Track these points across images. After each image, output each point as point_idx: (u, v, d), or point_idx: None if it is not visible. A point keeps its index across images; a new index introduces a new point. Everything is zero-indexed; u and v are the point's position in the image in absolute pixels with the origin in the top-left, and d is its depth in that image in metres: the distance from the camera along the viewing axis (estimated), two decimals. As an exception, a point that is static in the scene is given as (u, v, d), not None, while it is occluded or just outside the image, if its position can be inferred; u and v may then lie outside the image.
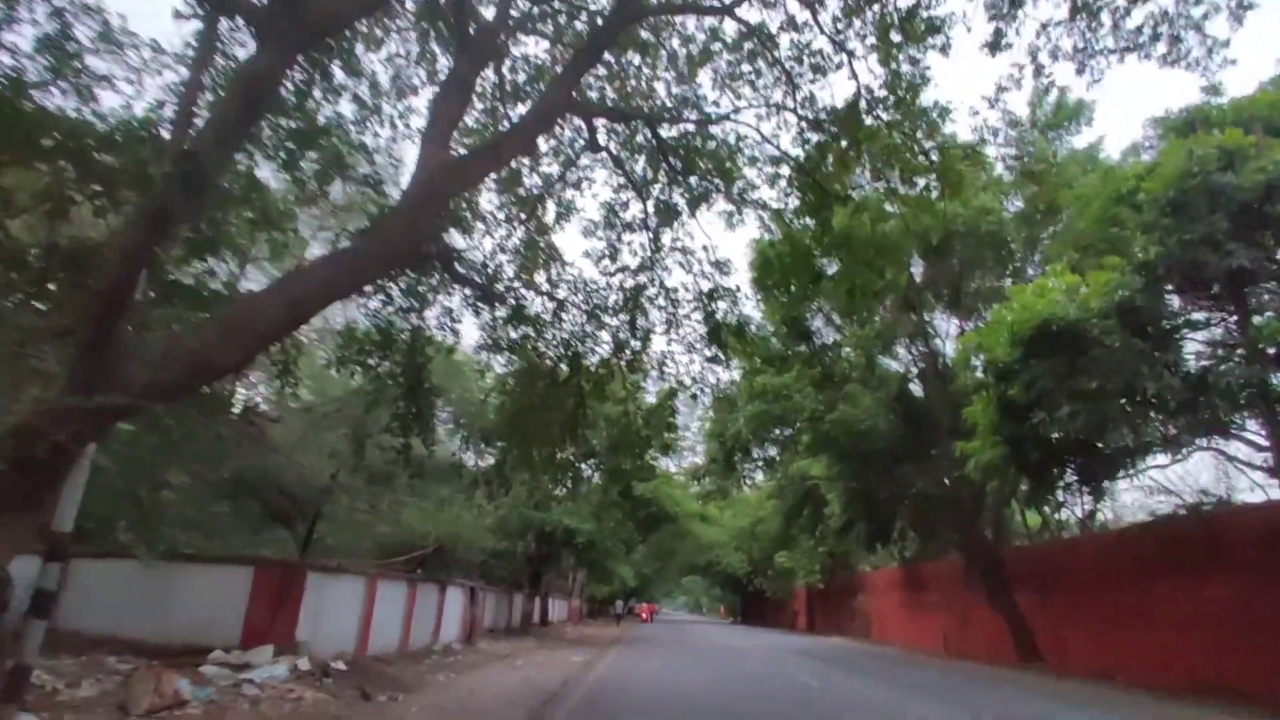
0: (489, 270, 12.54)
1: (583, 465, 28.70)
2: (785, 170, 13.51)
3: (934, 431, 23.08)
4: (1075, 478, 14.27)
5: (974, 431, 14.95)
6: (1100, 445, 12.04)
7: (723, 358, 15.15)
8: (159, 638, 11.18)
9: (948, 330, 24.00)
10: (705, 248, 14.66)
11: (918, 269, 22.04)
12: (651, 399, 16.40)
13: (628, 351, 14.90)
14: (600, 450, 21.64)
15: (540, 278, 14.07)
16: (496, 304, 12.58)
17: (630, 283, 14.87)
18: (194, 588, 11.61)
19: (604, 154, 12.77)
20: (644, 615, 58.02)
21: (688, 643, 29.89)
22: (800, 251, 14.62)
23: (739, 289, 15.00)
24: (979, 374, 14.54)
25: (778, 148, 13.09)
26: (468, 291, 12.74)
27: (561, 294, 14.34)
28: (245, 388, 21.78)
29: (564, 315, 14.66)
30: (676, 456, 34.85)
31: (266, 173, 9.87)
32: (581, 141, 13.03)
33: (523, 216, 13.73)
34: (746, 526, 49.12)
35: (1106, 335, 10.95)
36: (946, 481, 23.82)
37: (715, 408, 26.00)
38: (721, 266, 14.26)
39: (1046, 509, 26.90)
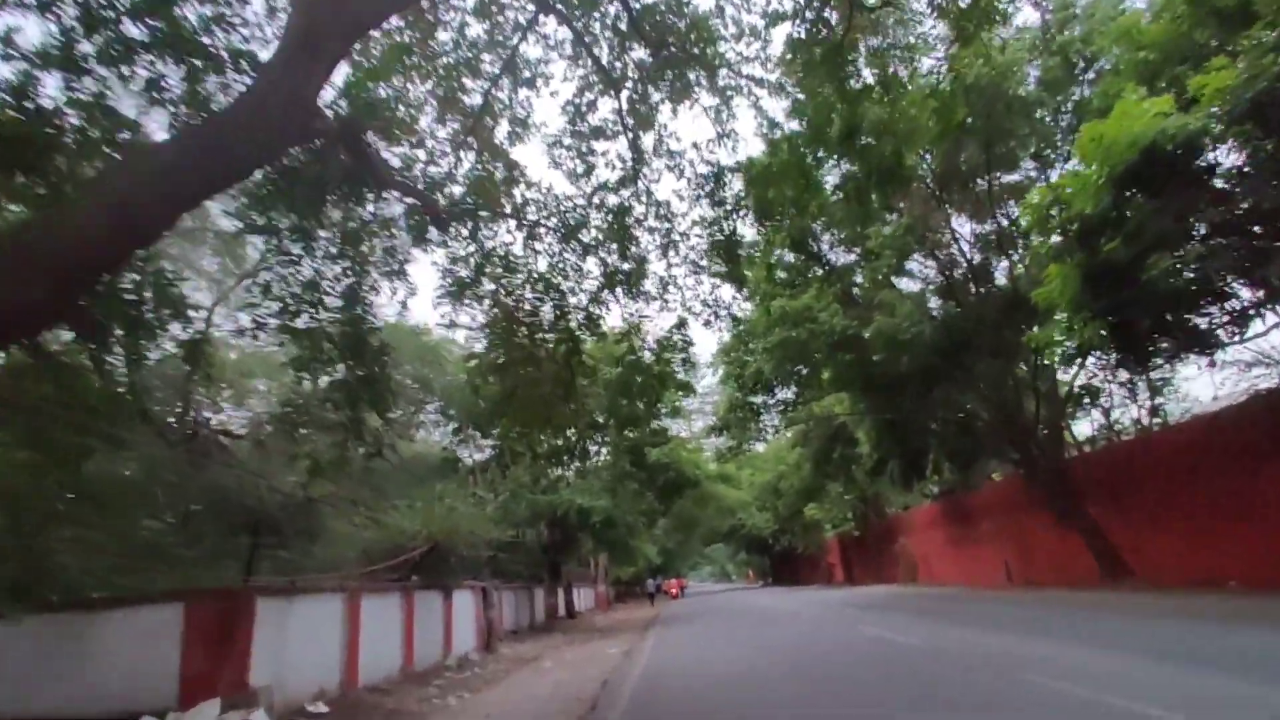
0: (431, 180, 9.86)
1: (588, 438, 26.18)
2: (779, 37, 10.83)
3: (971, 345, 20.55)
4: (1178, 346, 11.71)
5: (1039, 317, 12.46)
6: (1228, 292, 9.52)
7: (734, 271, 12.59)
8: (76, 709, 8.64)
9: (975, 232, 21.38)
10: (696, 145, 12.00)
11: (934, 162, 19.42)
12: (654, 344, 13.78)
13: (621, 281, 12.35)
14: (603, 411, 19.15)
15: (504, 200, 11.39)
16: (447, 228, 9.93)
17: (613, 200, 12.23)
18: (113, 638, 9.02)
19: (556, 11, 10.04)
20: (673, 591, 55.80)
21: (729, 611, 27.54)
22: (796, 158, 12.01)
23: (743, 195, 12.43)
24: (1055, 238, 11.88)
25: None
26: (410, 219, 10.09)
27: (530, 216, 11.74)
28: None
29: (537, 244, 12.07)
30: (686, 420, 32.34)
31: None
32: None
33: (465, 118, 10.99)
34: (769, 483, 46.83)
35: (1241, 146, 8.40)
36: (991, 396, 21.38)
37: (728, 351, 23.40)
38: (719, 167, 11.64)
39: (1100, 411, 24.56)
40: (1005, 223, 20.99)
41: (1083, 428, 27.77)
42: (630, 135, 12.32)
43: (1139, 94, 10.32)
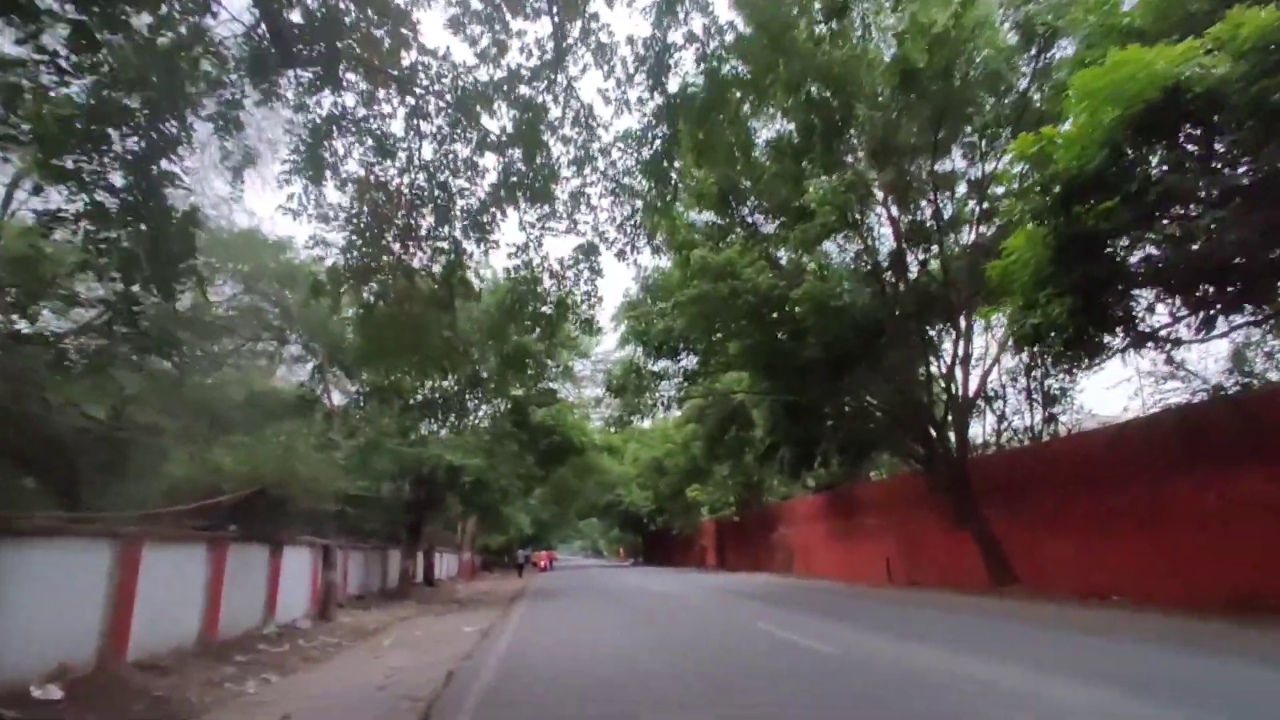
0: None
1: (466, 392, 23.68)
2: None
3: (885, 333, 19.48)
4: (1137, 339, 10.63)
5: (965, 304, 11.16)
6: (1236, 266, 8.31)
7: (662, 193, 10.59)
8: None
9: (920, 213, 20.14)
10: (631, 40, 9.89)
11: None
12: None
13: (524, 187, 10.15)
14: (486, 340, 16.87)
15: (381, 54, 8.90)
16: (296, 60, 7.40)
17: (525, 91, 9.95)
18: None
19: None
20: (542, 563, 53.89)
21: (603, 590, 25.84)
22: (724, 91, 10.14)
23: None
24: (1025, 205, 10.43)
25: None
26: (248, 44, 7.50)
27: (419, 87, 9.34)
28: None
29: (423, 123, 9.68)
30: (576, 385, 30.26)
31: None
32: None
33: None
34: (653, 460, 45.56)
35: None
36: (901, 389, 20.47)
37: (633, 307, 21.40)
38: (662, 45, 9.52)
39: (993, 416, 24.28)
40: (929, 213, 20.04)
41: (973, 431, 27.61)
42: (555, 19, 10.05)
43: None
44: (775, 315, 18.07)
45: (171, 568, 9.92)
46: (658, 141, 10.26)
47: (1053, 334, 10.30)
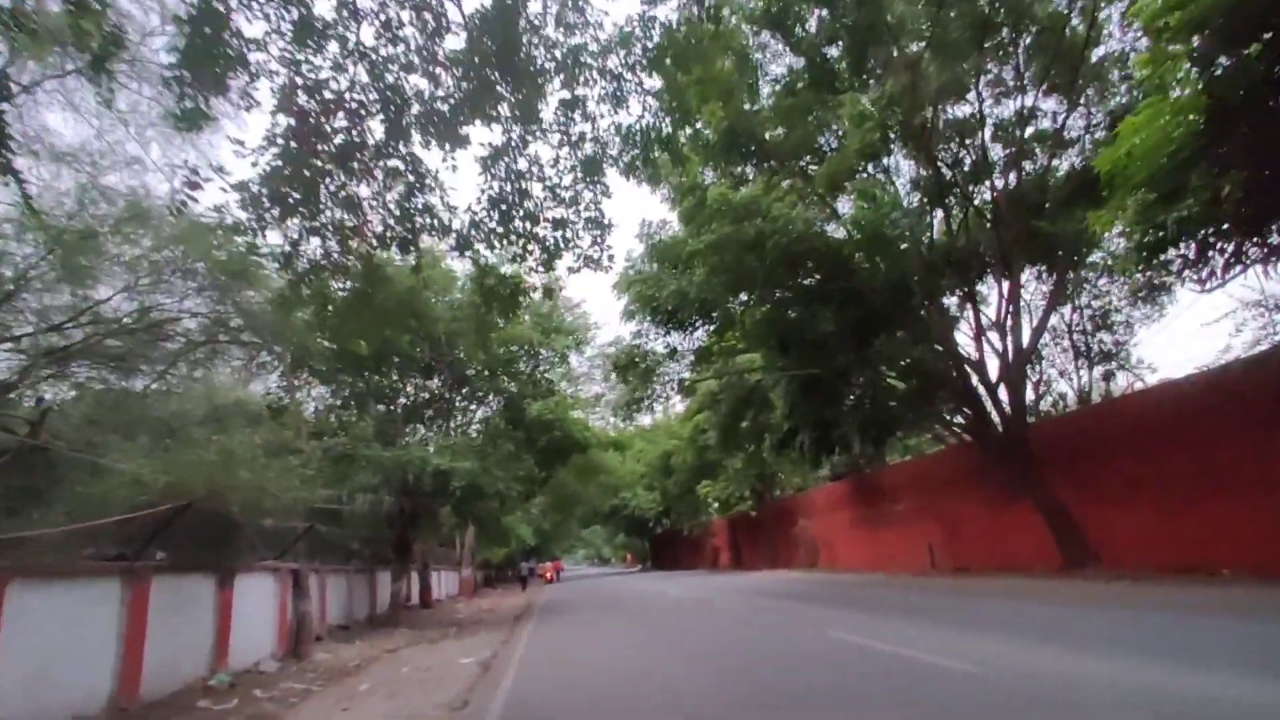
0: None
1: (449, 387, 21.26)
2: None
3: (940, 275, 17.05)
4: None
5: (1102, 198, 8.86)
6: None
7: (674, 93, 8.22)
8: None
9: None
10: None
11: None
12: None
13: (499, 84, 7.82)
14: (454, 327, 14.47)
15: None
16: None
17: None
18: None
19: None
20: (548, 575, 51.27)
21: (616, 600, 23.41)
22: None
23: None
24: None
25: None
26: None
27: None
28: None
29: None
30: (572, 383, 27.80)
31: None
32: None
33: None
34: (659, 458, 43.18)
35: None
36: (944, 346, 18.14)
37: (639, 277, 18.88)
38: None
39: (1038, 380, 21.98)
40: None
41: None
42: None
43: None
44: (810, 262, 15.67)
45: (61, 612, 7.46)
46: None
47: (1183, 239, 7.97)
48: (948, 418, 21.07)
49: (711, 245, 13.90)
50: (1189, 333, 43.52)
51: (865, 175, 13.70)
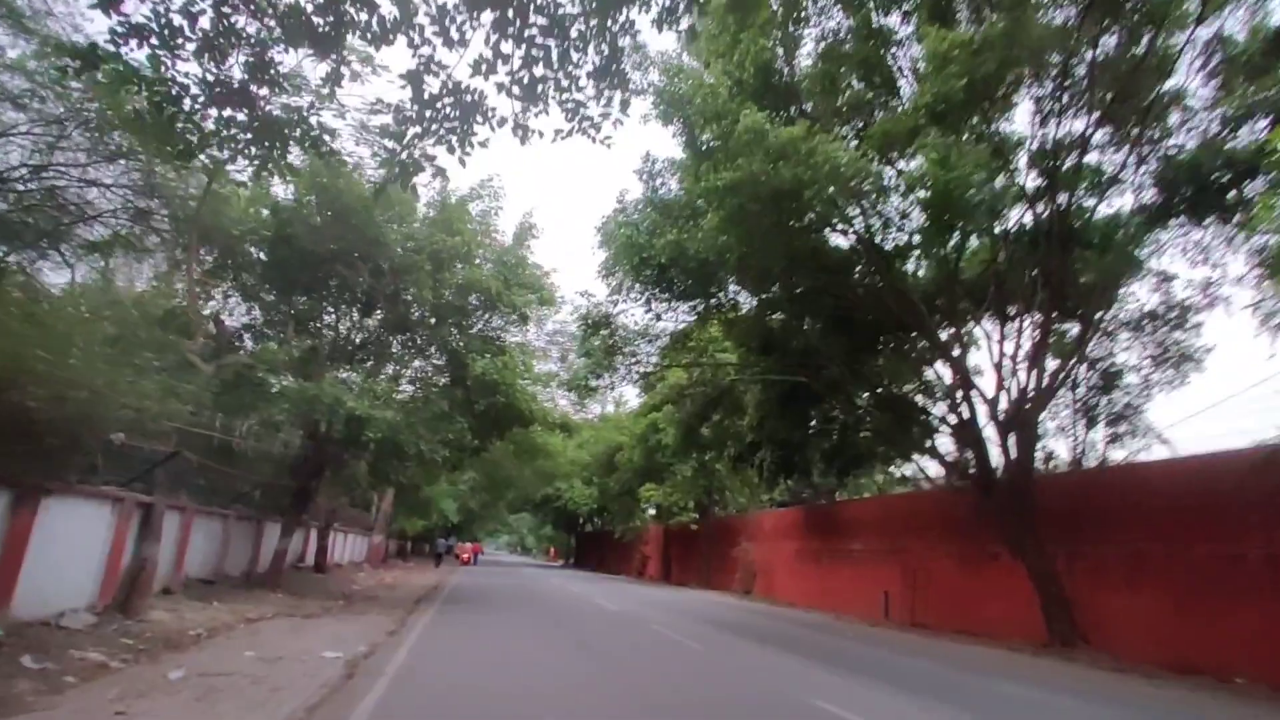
0: None
1: (390, 317, 18.47)
2: None
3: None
4: None
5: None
6: None
7: None
8: None
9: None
10: None
11: None
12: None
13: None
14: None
15: None
16: None
17: None
18: None
19: None
20: (465, 557, 48.33)
21: (537, 597, 20.87)
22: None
23: None
24: None
25: None
26: None
27: None
28: None
29: None
30: (529, 354, 25.05)
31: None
32: None
33: None
34: (605, 452, 40.70)
35: None
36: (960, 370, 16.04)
37: (624, 224, 16.17)
38: None
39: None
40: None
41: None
42: None
43: None
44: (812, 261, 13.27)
45: None
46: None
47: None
48: (928, 458, 19.10)
49: (732, 185, 11.32)
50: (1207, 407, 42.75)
51: (929, 138, 11.34)
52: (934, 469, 26.45)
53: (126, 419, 10.48)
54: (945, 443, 20.12)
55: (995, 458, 16.30)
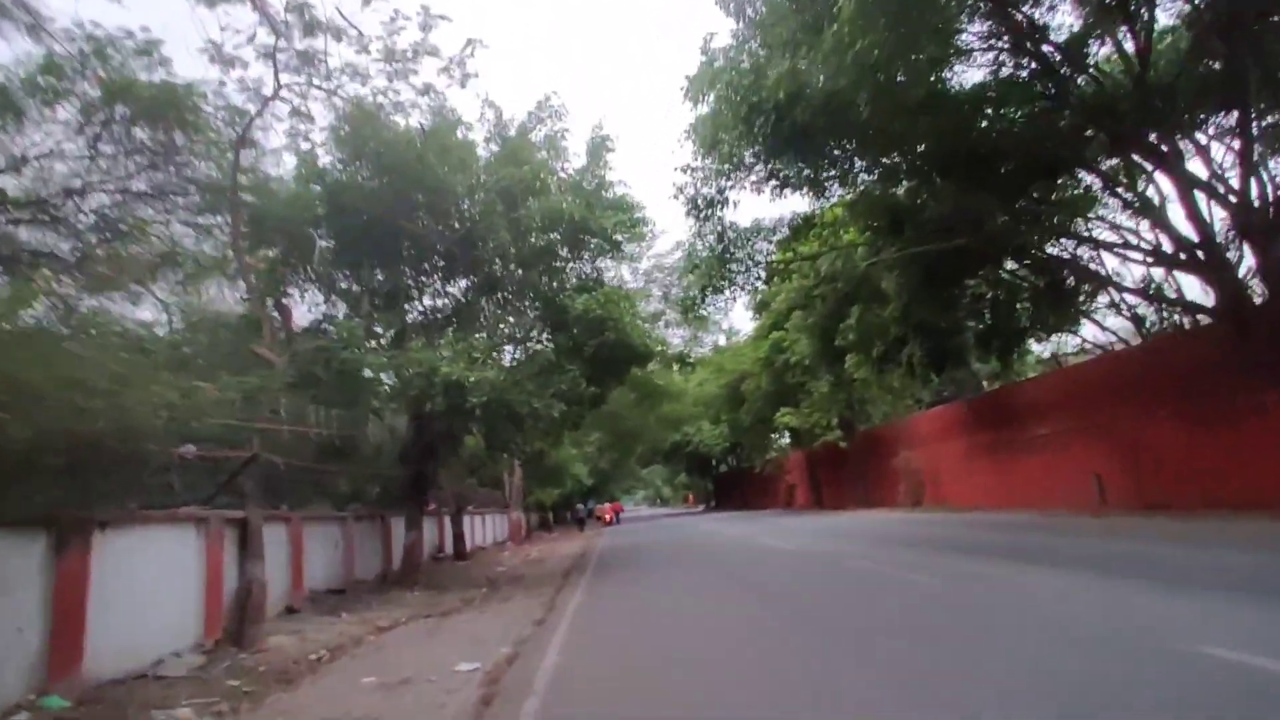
0: None
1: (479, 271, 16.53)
2: None
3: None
4: None
5: None
6: None
7: None
8: None
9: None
10: None
11: None
12: None
13: None
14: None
15: None
16: None
17: None
18: None
19: None
20: (607, 516, 47.57)
21: (694, 549, 18.88)
22: None
23: None
24: None
25: None
26: None
27: None
28: None
29: None
30: (629, 260, 22.53)
31: None
32: None
33: None
34: (726, 388, 38.29)
35: None
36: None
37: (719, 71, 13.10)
38: None
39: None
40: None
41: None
42: None
43: None
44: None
45: None
46: None
47: None
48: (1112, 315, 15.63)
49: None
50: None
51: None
52: (1108, 332, 22.77)
53: (198, 431, 8.94)
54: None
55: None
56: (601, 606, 10.36)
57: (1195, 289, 17.82)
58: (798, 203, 16.10)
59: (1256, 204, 12.18)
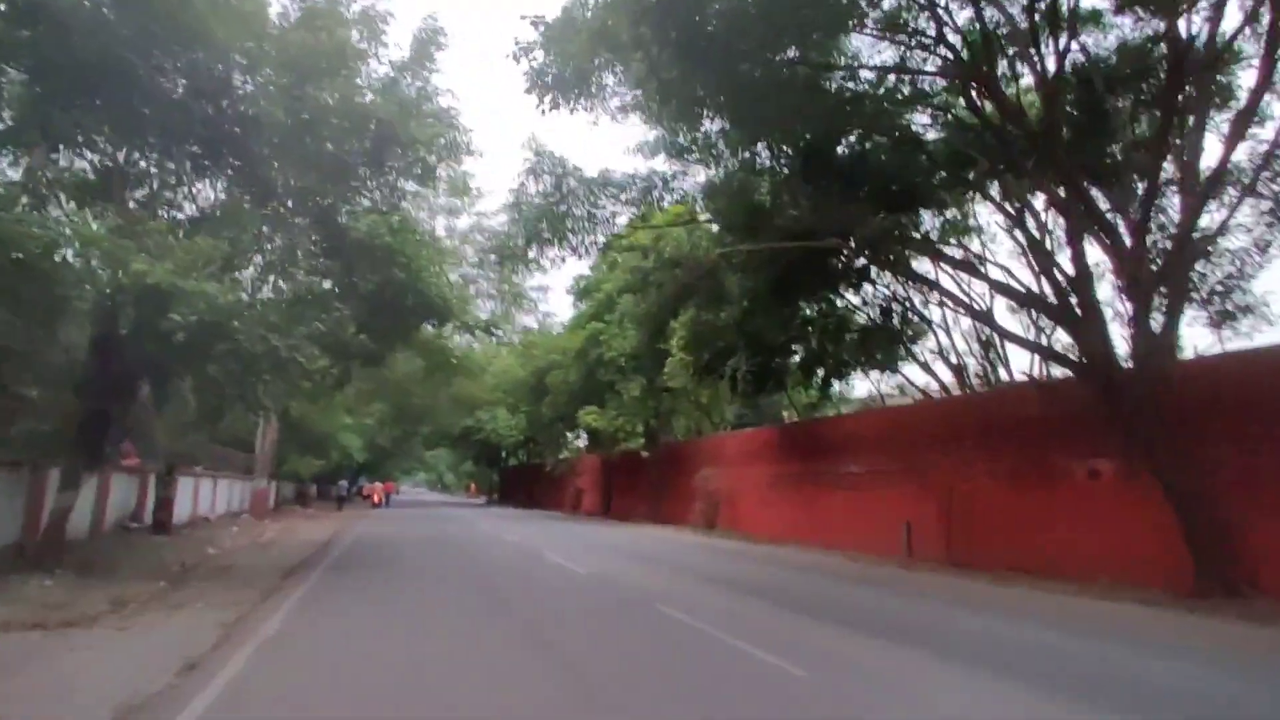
0: None
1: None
2: None
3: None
4: None
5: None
6: None
7: None
8: None
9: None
10: None
11: None
12: None
13: None
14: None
15: None
16: None
17: None
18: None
19: None
20: (375, 498, 42.74)
21: (463, 553, 15.84)
22: None
23: None
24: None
25: None
26: None
27: None
28: None
29: None
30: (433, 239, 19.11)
31: None
32: None
33: None
34: (530, 376, 35.37)
35: None
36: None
37: None
38: None
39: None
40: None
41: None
42: None
43: None
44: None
45: None
46: None
47: None
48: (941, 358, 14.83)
49: None
50: None
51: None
52: (931, 376, 22.64)
53: None
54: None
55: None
56: (306, 641, 7.08)
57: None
58: (659, 164, 13.79)
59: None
